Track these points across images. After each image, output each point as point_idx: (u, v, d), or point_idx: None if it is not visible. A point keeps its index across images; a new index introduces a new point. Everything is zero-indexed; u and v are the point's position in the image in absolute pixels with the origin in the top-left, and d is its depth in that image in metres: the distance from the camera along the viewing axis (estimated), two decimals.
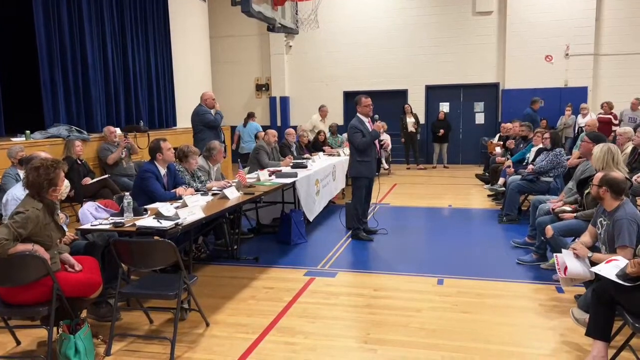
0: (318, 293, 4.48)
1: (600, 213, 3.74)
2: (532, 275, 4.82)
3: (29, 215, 3.08)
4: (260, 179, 6.01)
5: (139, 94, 10.03)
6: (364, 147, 5.99)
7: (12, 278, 3.10)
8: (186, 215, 3.97)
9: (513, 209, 6.87)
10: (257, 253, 5.64)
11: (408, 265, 5.22)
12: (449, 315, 3.94)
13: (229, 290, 4.54)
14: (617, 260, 3.13)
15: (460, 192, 9.47)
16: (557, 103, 12.43)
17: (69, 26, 8.07)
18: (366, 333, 3.68)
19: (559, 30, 12.37)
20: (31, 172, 3.17)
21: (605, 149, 4.21)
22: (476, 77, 13.27)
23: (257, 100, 14.86)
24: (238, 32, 14.33)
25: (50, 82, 7.71)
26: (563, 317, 3.84)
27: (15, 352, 3.48)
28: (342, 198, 8.85)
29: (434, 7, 13.21)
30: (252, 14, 6.45)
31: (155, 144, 4.99)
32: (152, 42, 10.44)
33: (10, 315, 3.37)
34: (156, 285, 3.61)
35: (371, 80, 13.71)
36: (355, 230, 6.25)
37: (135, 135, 8.46)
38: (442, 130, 12.65)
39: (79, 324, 3.24)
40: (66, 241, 3.77)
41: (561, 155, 6.59)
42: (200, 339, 3.61)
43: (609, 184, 3.52)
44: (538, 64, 12.66)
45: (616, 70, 12.41)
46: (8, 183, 5.33)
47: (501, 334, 3.63)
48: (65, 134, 7.14)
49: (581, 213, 4.49)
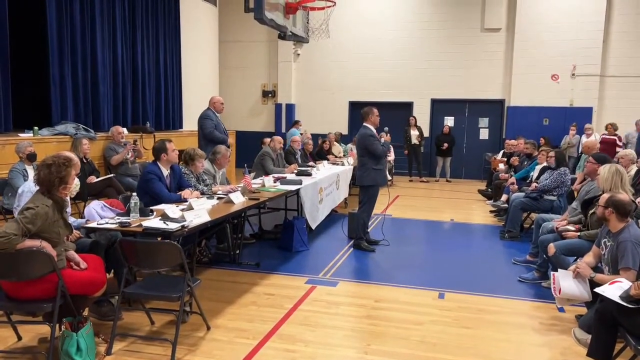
0: (319, 301, 4.49)
1: (604, 234, 3.76)
2: (533, 293, 4.82)
3: (38, 212, 3.10)
4: (265, 185, 6.03)
5: (147, 95, 10.08)
6: (384, 154, 6.08)
7: (18, 273, 3.11)
8: (192, 218, 3.98)
9: (515, 225, 6.89)
10: (258, 259, 5.65)
11: (409, 277, 5.22)
12: (450, 330, 3.94)
13: (230, 295, 4.54)
14: (620, 282, 3.15)
15: (462, 207, 9.48)
16: (562, 122, 12.47)
17: (81, 25, 8.13)
18: (367, 344, 3.68)
19: (566, 50, 12.44)
20: (43, 169, 3.19)
21: (613, 169, 4.23)
22: (482, 92, 13.32)
23: (262, 106, 14.93)
24: (247, 37, 14.42)
25: (59, 79, 7.75)
26: (563, 336, 3.85)
27: (16, 347, 3.48)
28: (345, 207, 8.87)
29: (444, 22, 13.29)
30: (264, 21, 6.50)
31: (161, 145, 5.00)
32: (162, 43, 10.51)
33: (14, 309, 3.37)
34: (159, 287, 3.62)
35: (377, 92, 13.77)
36: (358, 240, 6.25)
37: (142, 135, 8.48)
38: (446, 144, 12.68)
39: (81, 321, 3.25)
40: (72, 239, 3.79)
41: (565, 175, 6.61)
42: (201, 342, 3.62)
43: (615, 205, 3.54)
44: (544, 83, 12.72)
45: (622, 91, 12.46)
46: (15, 178, 5.35)
47: (501, 350, 3.63)
48: (72, 132, 7.17)
49: (585, 233, 4.49)
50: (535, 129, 12.42)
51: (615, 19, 12.38)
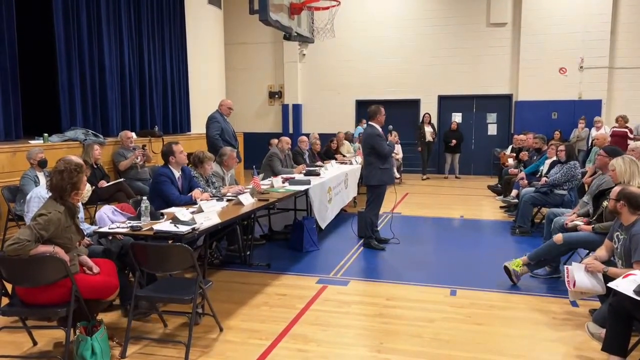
0: (330, 301, 4.49)
1: (616, 227, 3.73)
2: (546, 288, 4.79)
3: (51, 218, 3.14)
4: (274, 186, 6.05)
5: (154, 99, 10.13)
6: (390, 154, 6.10)
7: (32, 278, 3.15)
8: (202, 220, 4.00)
9: (526, 221, 6.85)
10: (269, 259, 5.66)
11: (420, 275, 5.21)
12: (462, 327, 3.93)
13: (242, 296, 4.56)
14: (634, 274, 3.12)
15: (472, 203, 9.44)
16: (571, 115, 12.39)
17: (88, 32, 8.19)
18: (379, 342, 3.68)
19: (574, 42, 12.35)
20: (55, 175, 3.23)
21: (628, 160, 4.19)
22: (489, 88, 13.26)
23: (269, 107, 14.96)
24: (252, 39, 14.46)
25: (68, 86, 7.82)
26: (576, 331, 3.82)
27: (32, 352, 3.52)
28: (354, 206, 8.86)
29: (449, 18, 13.24)
30: (269, 23, 6.52)
31: (168, 148, 5.06)
32: (168, 47, 10.56)
33: (29, 315, 3.41)
34: (172, 289, 3.65)
35: (384, 90, 13.76)
36: (368, 239, 6.25)
37: (150, 140, 8.53)
38: (455, 140, 12.64)
39: (95, 325, 3.28)
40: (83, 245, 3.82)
41: (576, 168, 6.56)
42: (214, 344, 3.63)
43: (627, 198, 3.52)
44: (552, 76, 12.64)
45: (630, 83, 12.35)
46: (27, 185, 5.40)
47: (514, 346, 3.61)
48: (82, 138, 7.23)
49: (599, 225, 4.44)
50: (544, 123, 12.35)
51: (623, 10, 12.26)
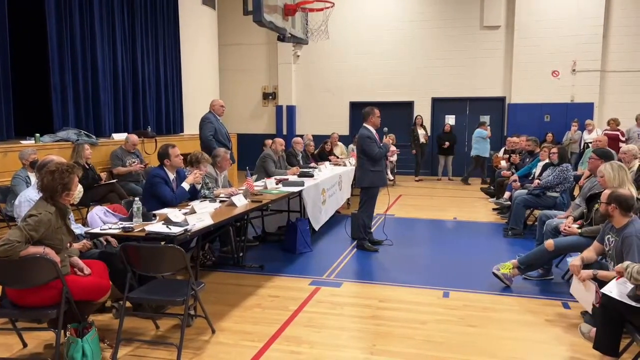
0: (323, 303, 4.48)
1: (608, 230, 3.75)
2: (539, 290, 4.81)
3: (42, 219, 3.11)
4: (268, 187, 6.03)
5: (147, 100, 10.10)
6: (380, 157, 6.04)
7: (23, 280, 3.12)
8: (195, 222, 3.99)
9: (519, 223, 6.87)
10: (262, 261, 5.64)
11: (414, 277, 5.21)
12: (456, 329, 3.93)
13: (235, 298, 4.54)
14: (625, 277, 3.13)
15: (465, 205, 9.47)
16: (564, 118, 12.46)
17: (81, 32, 8.15)
18: (372, 344, 3.67)
19: (566, 45, 12.43)
20: (46, 175, 3.20)
21: (616, 166, 4.21)
22: (483, 90, 13.31)
23: (263, 108, 14.94)
24: (246, 40, 14.43)
25: (60, 86, 7.78)
26: (569, 332, 3.83)
27: (22, 354, 3.49)
28: (348, 208, 8.86)
29: (442, 21, 13.29)
30: (263, 24, 6.51)
31: (164, 150, 5.02)
32: (162, 48, 10.53)
33: (19, 316, 3.38)
34: (163, 291, 3.62)
35: (377, 92, 13.78)
36: (361, 241, 6.24)
37: (143, 140, 8.49)
38: (448, 142, 12.67)
39: (86, 327, 3.25)
40: (82, 249, 3.79)
41: (568, 171, 6.59)
42: (206, 346, 3.61)
43: (618, 201, 3.53)
44: (545, 79, 12.71)
45: (622, 86, 12.44)
46: (18, 185, 5.36)
47: (507, 348, 3.62)
48: (74, 138, 7.18)
49: (585, 229, 4.47)
50: (537, 126, 12.43)
51: (615, 13, 12.36)
